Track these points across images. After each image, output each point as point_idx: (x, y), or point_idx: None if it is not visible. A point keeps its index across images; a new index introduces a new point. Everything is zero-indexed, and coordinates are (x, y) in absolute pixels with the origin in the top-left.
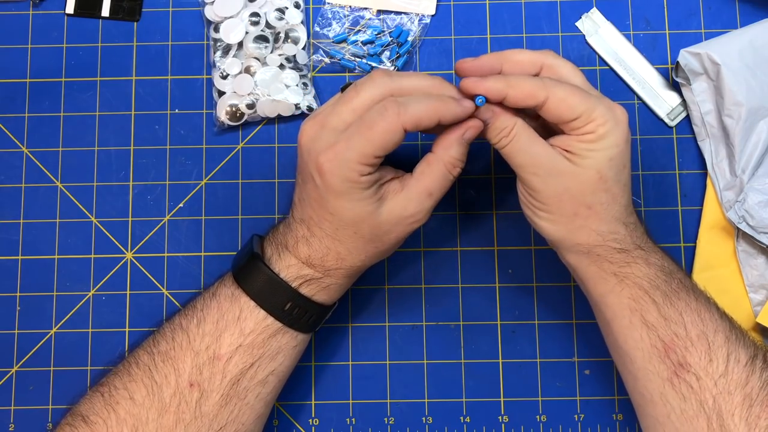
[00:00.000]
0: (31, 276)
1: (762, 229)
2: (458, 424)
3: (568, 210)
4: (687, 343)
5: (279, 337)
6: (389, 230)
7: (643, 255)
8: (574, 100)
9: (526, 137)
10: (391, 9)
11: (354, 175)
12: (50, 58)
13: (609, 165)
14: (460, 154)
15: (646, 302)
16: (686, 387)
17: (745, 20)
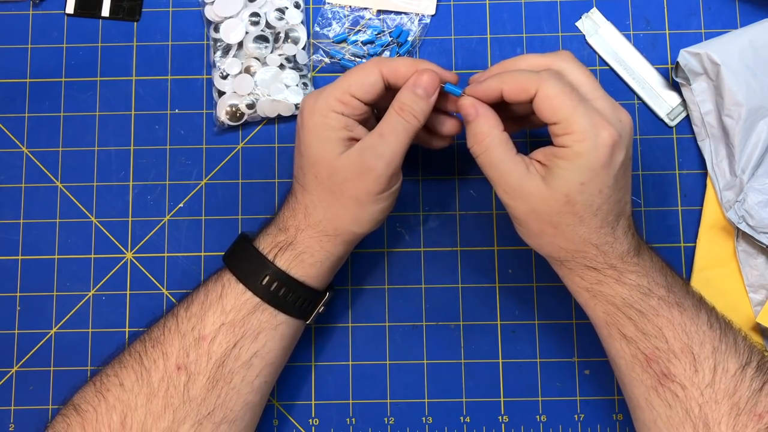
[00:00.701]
0: (31, 276)
1: (762, 229)
2: (458, 424)
3: (534, 228)
4: (670, 355)
5: (258, 315)
6: (345, 178)
7: (615, 275)
8: (559, 102)
9: (500, 152)
10: (391, 9)
11: (326, 109)
12: (50, 58)
13: (579, 189)
14: (409, 100)
15: (620, 318)
16: (671, 395)
17: (745, 20)
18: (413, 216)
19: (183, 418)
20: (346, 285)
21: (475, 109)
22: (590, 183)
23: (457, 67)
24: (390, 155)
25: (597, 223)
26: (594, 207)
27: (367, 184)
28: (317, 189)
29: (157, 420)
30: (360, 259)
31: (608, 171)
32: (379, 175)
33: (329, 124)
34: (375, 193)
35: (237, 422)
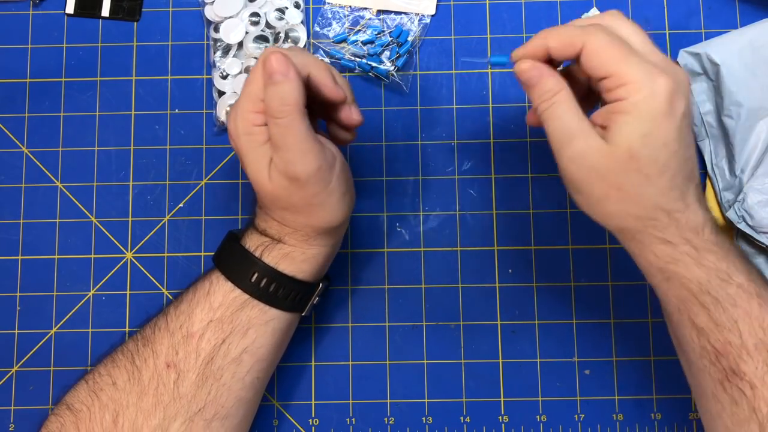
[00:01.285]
0: (31, 276)
1: (761, 229)
2: (458, 424)
3: (597, 191)
4: (742, 351)
5: (247, 311)
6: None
7: (693, 254)
8: (608, 53)
9: (567, 105)
10: (391, 9)
11: (248, 125)
12: (50, 58)
13: (642, 142)
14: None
15: (694, 305)
16: (738, 392)
17: (745, 20)
18: (413, 216)
19: (174, 415)
20: (346, 285)
21: (539, 71)
22: (653, 135)
23: (457, 68)
24: (299, 156)
25: (666, 183)
26: (660, 163)
27: (307, 191)
28: (274, 210)
29: (148, 418)
30: (360, 259)
31: (671, 121)
32: (308, 178)
33: (257, 140)
34: (322, 191)
35: (229, 419)
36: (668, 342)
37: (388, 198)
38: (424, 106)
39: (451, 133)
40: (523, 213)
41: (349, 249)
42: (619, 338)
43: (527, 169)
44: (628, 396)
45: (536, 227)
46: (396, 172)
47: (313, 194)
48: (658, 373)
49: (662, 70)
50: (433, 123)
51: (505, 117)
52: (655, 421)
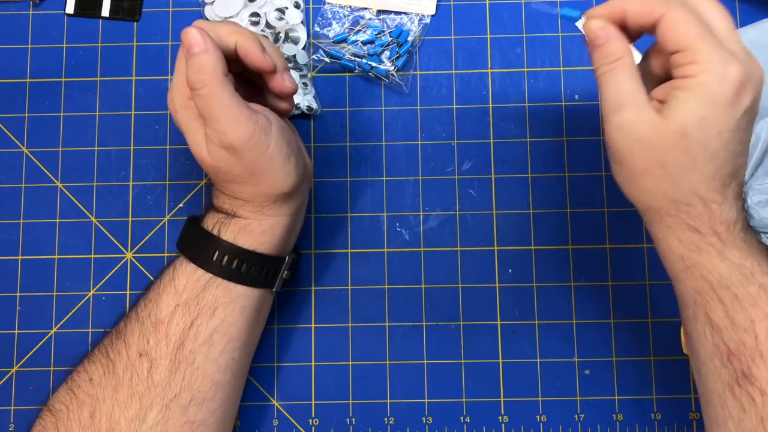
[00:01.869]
0: (31, 276)
1: (762, 229)
2: (458, 424)
3: (639, 165)
4: (755, 354)
5: (212, 290)
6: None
7: (719, 245)
8: (686, 28)
9: (627, 73)
10: (391, 9)
11: (183, 100)
12: (50, 58)
13: (698, 124)
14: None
15: (712, 299)
16: (747, 399)
17: (745, 20)
18: (413, 216)
19: (149, 404)
20: (346, 285)
21: (606, 32)
22: (710, 119)
23: (457, 68)
24: (228, 124)
25: (710, 172)
26: (710, 150)
27: (246, 158)
28: (222, 184)
29: (124, 409)
30: (360, 258)
31: (732, 111)
32: (243, 145)
33: (191, 114)
34: (261, 157)
35: (207, 403)
36: (668, 342)
37: (388, 198)
38: (424, 106)
39: (451, 133)
40: (523, 213)
41: (349, 249)
42: (619, 338)
43: (527, 169)
44: (628, 396)
45: (536, 227)
46: (396, 172)
47: (253, 161)
48: (658, 373)
49: (738, 59)
50: (433, 123)
51: (505, 117)
52: (655, 421)
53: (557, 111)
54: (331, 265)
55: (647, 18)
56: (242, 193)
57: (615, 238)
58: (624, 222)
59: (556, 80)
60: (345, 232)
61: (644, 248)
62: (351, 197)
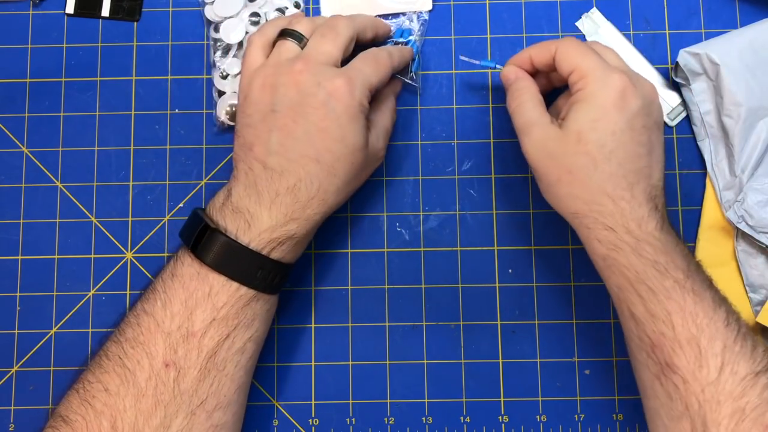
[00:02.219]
0: (31, 276)
1: (761, 229)
2: (458, 424)
3: (552, 175)
4: (675, 344)
5: (253, 305)
6: (368, 164)
7: (633, 243)
8: (573, 52)
9: (529, 98)
10: (388, 12)
11: (364, 100)
12: (50, 58)
13: (591, 126)
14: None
15: (631, 294)
16: (673, 387)
17: (745, 20)
18: (413, 216)
19: (175, 411)
20: (346, 285)
21: (515, 74)
22: (601, 121)
23: (457, 68)
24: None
25: (611, 169)
26: (606, 149)
27: (375, 167)
28: (347, 174)
29: (149, 418)
30: (360, 259)
31: (621, 113)
32: (384, 153)
33: (365, 113)
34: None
35: (231, 406)
36: None
37: (388, 198)
38: (424, 106)
39: (451, 133)
40: (523, 213)
41: (349, 249)
42: (619, 338)
43: (527, 169)
44: (628, 396)
45: (536, 227)
46: (396, 172)
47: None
48: None
49: (620, 71)
50: (433, 123)
51: (505, 117)
52: None
53: None
54: (331, 265)
55: (547, 55)
56: (343, 194)
57: None
58: None
59: None
60: (345, 232)
61: None
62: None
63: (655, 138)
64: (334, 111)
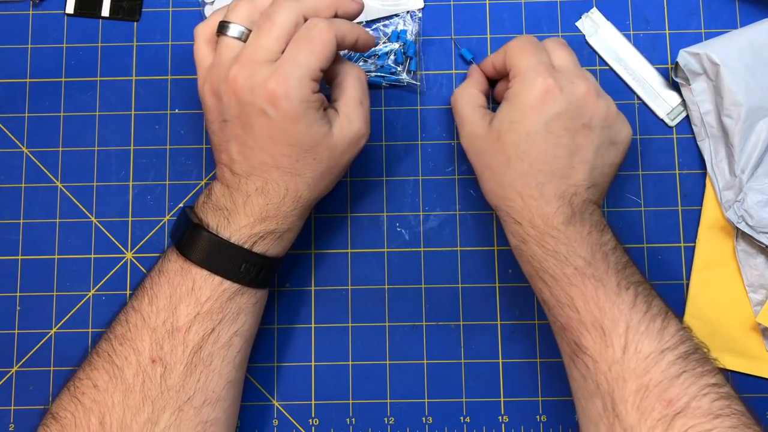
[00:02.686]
0: (31, 276)
1: (761, 229)
2: (458, 424)
3: (478, 170)
4: (581, 326)
5: (238, 299)
6: (344, 151)
7: (536, 236)
8: (515, 52)
9: (467, 96)
10: (380, 15)
11: (307, 93)
12: (50, 58)
13: (509, 127)
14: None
15: (538, 281)
16: (584, 366)
17: (745, 20)
18: (413, 216)
19: (162, 407)
20: (346, 285)
21: (469, 72)
22: (519, 122)
23: (457, 68)
24: (368, 114)
25: (523, 169)
26: (520, 149)
27: (359, 148)
28: (315, 171)
29: (136, 414)
30: (360, 259)
31: (538, 115)
32: (366, 132)
33: (314, 105)
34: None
35: (220, 402)
36: None
37: (388, 198)
38: (424, 106)
39: (451, 133)
40: None
41: (349, 249)
42: None
43: None
44: None
45: None
46: (396, 172)
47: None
48: None
49: (551, 75)
50: (433, 123)
51: None
52: None
53: None
54: (331, 265)
55: (501, 55)
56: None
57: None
58: (623, 222)
59: None
60: (345, 232)
61: (644, 248)
62: (351, 197)
63: (583, 141)
64: (276, 117)
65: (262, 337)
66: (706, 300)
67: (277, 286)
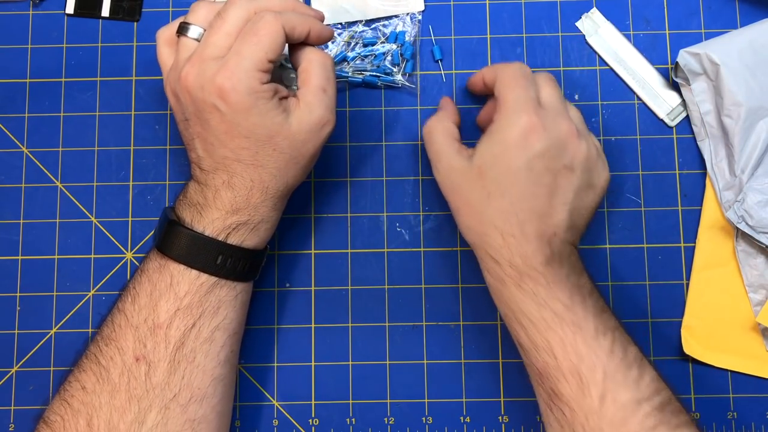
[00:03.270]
0: (31, 276)
1: (761, 229)
2: (458, 424)
3: (455, 205)
4: (558, 373)
5: (217, 291)
6: (305, 140)
7: (515, 276)
8: (505, 81)
9: (442, 129)
10: (380, 15)
11: (256, 84)
12: (50, 58)
13: (491, 162)
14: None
15: (515, 324)
16: (560, 414)
17: (745, 20)
18: (413, 216)
19: (148, 406)
20: (346, 285)
21: (441, 103)
22: (501, 157)
23: (457, 68)
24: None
25: (504, 206)
26: (502, 186)
27: (323, 136)
28: (277, 161)
29: (123, 414)
30: (360, 259)
31: (521, 152)
32: (330, 120)
33: (264, 95)
34: (326, 140)
35: (207, 399)
36: (668, 342)
37: (388, 198)
38: (424, 106)
39: None
40: None
41: (349, 249)
42: None
43: None
44: None
45: None
46: (396, 172)
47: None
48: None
49: (537, 114)
50: None
51: None
52: None
53: None
54: (331, 265)
55: (492, 74)
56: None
57: (615, 238)
58: (624, 222)
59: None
60: (345, 232)
61: (644, 248)
62: (351, 197)
63: (563, 181)
64: (228, 111)
65: (262, 337)
66: (706, 300)
67: (277, 286)
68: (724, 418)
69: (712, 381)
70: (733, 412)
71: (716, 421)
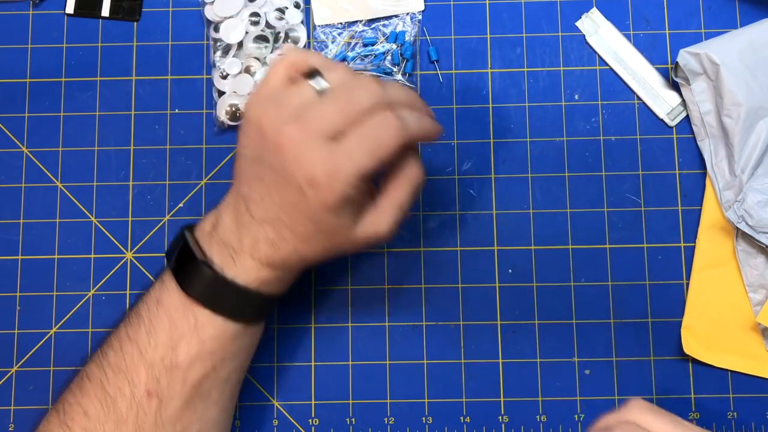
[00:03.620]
0: (31, 276)
1: (761, 229)
2: (458, 424)
3: None
4: None
5: (240, 337)
6: (359, 246)
7: None
8: None
9: None
10: (380, 15)
11: (351, 191)
12: (50, 58)
13: None
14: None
15: None
16: None
17: (745, 20)
18: (413, 216)
19: None
20: (346, 285)
21: None
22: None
23: (457, 68)
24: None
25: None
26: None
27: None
28: (328, 247)
29: None
30: (360, 259)
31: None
32: (388, 238)
33: (350, 201)
34: None
35: (216, 427)
36: (668, 342)
37: None
38: None
39: (451, 133)
40: (523, 213)
41: None
42: (619, 338)
43: (527, 169)
44: (628, 396)
45: (536, 227)
46: None
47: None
48: (658, 373)
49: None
50: None
51: (505, 117)
52: None
53: (557, 111)
54: (331, 266)
55: None
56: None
57: (615, 238)
58: (624, 222)
59: (556, 80)
60: None
61: (644, 248)
62: None
63: None
64: (310, 200)
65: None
66: (706, 300)
67: None
68: (724, 418)
69: (712, 381)
70: (733, 412)
71: (716, 421)
